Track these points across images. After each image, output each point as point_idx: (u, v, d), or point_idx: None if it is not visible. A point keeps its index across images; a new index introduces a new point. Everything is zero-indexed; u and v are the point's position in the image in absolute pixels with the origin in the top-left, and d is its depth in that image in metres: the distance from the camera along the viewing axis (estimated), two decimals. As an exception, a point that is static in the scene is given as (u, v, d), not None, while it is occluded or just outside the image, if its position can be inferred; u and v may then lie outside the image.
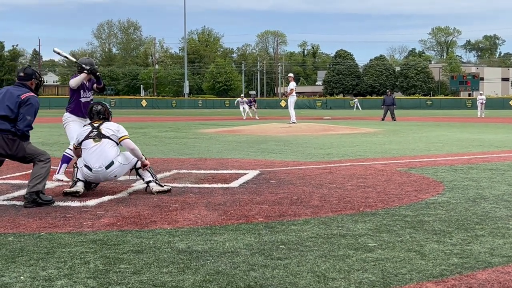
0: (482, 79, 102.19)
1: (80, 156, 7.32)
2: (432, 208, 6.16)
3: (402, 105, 72.19)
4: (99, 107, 7.80)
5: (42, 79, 7.10)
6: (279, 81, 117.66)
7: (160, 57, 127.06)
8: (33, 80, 6.85)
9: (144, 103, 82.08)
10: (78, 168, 7.22)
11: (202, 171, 9.39)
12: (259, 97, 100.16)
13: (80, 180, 7.13)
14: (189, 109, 73.98)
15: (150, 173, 7.40)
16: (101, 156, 7.12)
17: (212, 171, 9.38)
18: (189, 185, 7.83)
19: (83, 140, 7.32)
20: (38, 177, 6.43)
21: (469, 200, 6.64)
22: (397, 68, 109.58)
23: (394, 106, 34.30)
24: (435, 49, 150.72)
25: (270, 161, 11.03)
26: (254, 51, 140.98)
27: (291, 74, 26.09)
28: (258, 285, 3.65)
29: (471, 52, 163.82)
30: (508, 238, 4.84)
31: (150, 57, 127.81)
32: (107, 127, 7.52)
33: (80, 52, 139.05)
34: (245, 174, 8.95)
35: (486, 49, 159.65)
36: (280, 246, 4.60)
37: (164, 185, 7.38)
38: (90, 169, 7.05)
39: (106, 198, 6.81)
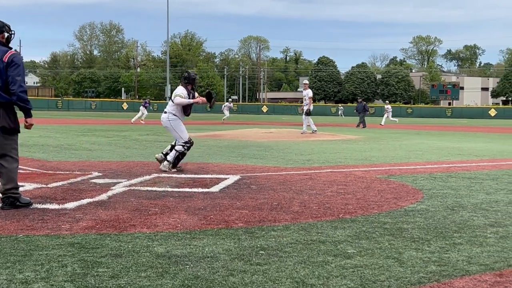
0: (462, 88, 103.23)
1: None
2: (411, 216, 6.20)
3: (383, 113, 72.61)
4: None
5: (13, 32, 6.54)
6: (261, 87, 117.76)
7: (142, 60, 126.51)
8: (4, 33, 6.39)
9: (125, 106, 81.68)
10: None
11: (183, 175, 9.36)
12: (240, 102, 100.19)
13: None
14: (171, 113, 73.57)
15: (175, 157, 10.11)
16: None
17: (193, 176, 9.36)
18: (169, 189, 7.80)
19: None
20: (13, 175, 6.30)
21: (447, 208, 6.69)
22: (379, 76, 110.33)
23: (367, 112, 34.69)
24: (416, 58, 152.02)
25: (251, 166, 11.03)
26: (237, 56, 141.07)
27: (306, 81, 24.81)
28: (237, 291, 3.64)
29: (451, 62, 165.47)
30: (486, 247, 4.88)
31: (132, 60, 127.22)
32: None
33: (62, 54, 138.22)
34: (225, 179, 8.93)
35: (467, 58, 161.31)
36: (260, 252, 4.59)
37: (175, 170, 9.92)
38: None
39: (85, 201, 6.76)
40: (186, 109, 10.59)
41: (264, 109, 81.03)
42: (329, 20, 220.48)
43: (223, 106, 45.47)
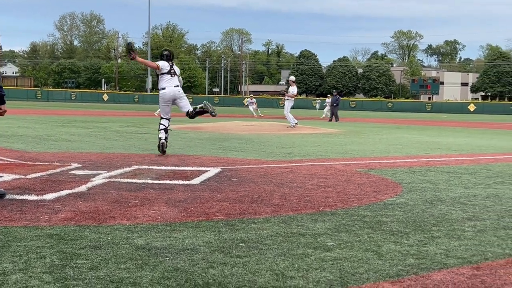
0: (442, 83, 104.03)
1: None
2: (390, 209, 6.25)
3: (364, 107, 72.99)
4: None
5: None
6: (243, 79, 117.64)
7: (123, 51, 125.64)
8: None
9: (105, 97, 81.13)
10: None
11: (163, 168, 9.33)
12: (222, 95, 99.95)
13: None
14: (152, 105, 73.33)
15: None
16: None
17: (173, 168, 9.33)
18: (150, 181, 7.77)
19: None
20: None
21: (426, 202, 6.75)
22: (360, 70, 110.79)
23: (337, 106, 34.91)
24: (397, 53, 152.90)
25: (232, 159, 11.02)
26: (219, 48, 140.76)
27: (292, 78, 25.41)
28: (217, 283, 3.65)
29: (432, 57, 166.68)
30: (463, 240, 4.93)
31: (113, 51, 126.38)
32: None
33: (41, 44, 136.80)
34: (206, 171, 8.92)
35: (447, 53, 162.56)
36: (240, 244, 4.60)
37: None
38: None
39: (64, 192, 6.71)
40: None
41: (246, 101, 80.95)
42: (311, 13, 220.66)
43: (246, 103, 45.76)
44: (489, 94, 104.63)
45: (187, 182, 7.81)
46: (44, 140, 14.44)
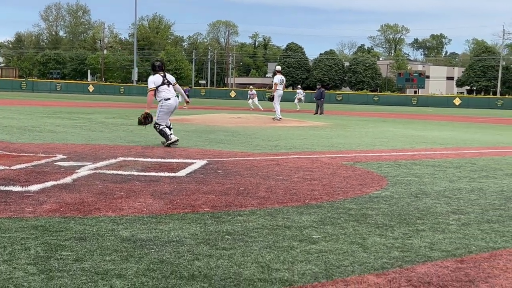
0: (428, 77, 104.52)
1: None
2: (376, 202, 6.28)
3: (350, 100, 73.18)
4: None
5: None
6: (230, 72, 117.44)
7: (109, 42, 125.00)
8: None
9: (91, 88, 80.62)
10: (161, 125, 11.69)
11: (149, 160, 9.30)
12: (208, 87, 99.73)
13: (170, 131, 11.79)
14: (138, 96, 73.03)
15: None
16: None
17: (159, 160, 9.31)
18: (135, 173, 7.75)
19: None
20: None
21: (411, 195, 6.79)
22: (346, 63, 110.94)
23: (321, 100, 35.03)
24: (384, 46, 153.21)
25: (218, 151, 11.01)
26: (205, 40, 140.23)
27: (278, 67, 24.61)
28: (202, 275, 3.65)
29: (418, 50, 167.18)
30: (448, 233, 4.97)
31: (99, 42, 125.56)
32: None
33: (27, 34, 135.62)
34: (192, 163, 8.91)
35: (433, 47, 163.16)
36: (226, 236, 4.60)
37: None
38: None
39: (49, 184, 6.67)
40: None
41: (232, 94, 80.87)
42: (298, 6, 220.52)
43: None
44: (475, 88, 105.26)
45: (173, 174, 7.80)
46: (29, 131, 14.34)
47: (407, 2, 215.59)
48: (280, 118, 22.35)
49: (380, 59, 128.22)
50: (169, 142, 11.58)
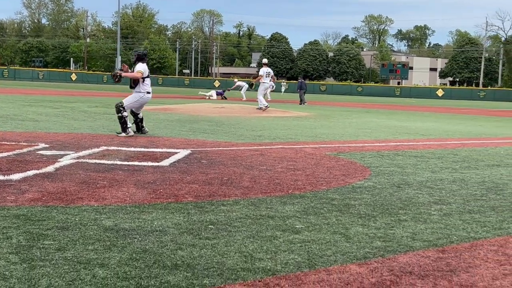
0: (411, 68, 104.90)
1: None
2: (359, 192, 6.31)
3: (334, 90, 73.33)
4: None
5: None
6: (214, 61, 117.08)
7: (92, 31, 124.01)
8: None
9: (73, 76, 79.98)
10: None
11: (132, 149, 9.26)
12: (192, 77, 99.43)
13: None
14: (121, 85, 72.61)
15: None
16: None
17: (143, 149, 9.27)
18: (118, 163, 7.71)
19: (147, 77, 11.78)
20: None
21: (394, 186, 6.83)
22: (330, 54, 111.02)
23: (303, 90, 35.61)
24: (368, 37, 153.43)
25: (202, 141, 11.00)
26: (190, 29, 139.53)
27: (265, 60, 24.89)
28: (185, 264, 3.65)
29: (402, 42, 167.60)
30: (430, 224, 5.01)
31: (82, 30, 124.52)
32: None
33: (8, 21, 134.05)
34: (176, 153, 8.89)
35: (416, 39, 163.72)
36: (209, 226, 4.61)
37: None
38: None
39: (31, 172, 6.62)
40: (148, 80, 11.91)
41: (216, 83, 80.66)
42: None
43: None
44: (457, 79, 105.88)
45: (156, 163, 7.78)
46: (10, 119, 14.20)
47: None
48: (266, 106, 22.27)
49: (364, 50, 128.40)
50: (124, 135, 11.30)
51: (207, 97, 38.25)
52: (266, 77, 23.09)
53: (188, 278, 3.41)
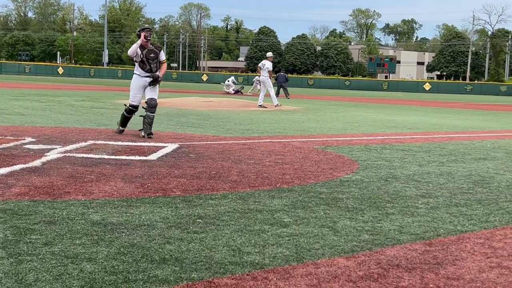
0: (399, 62, 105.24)
1: None
2: (346, 186, 6.33)
3: (322, 84, 73.39)
4: None
5: None
6: (202, 55, 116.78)
7: (79, 24, 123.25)
8: None
9: (60, 70, 79.44)
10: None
11: (120, 143, 9.23)
12: (180, 71, 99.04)
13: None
14: (108, 79, 72.25)
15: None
16: None
17: (130, 143, 9.24)
18: (106, 157, 7.68)
19: None
20: None
21: (381, 179, 6.85)
22: (318, 48, 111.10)
23: (285, 83, 35.92)
24: (355, 31, 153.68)
25: (190, 135, 10.98)
26: (177, 23, 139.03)
27: (268, 54, 23.25)
28: (173, 258, 3.65)
29: (389, 35, 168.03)
30: (417, 217, 5.04)
31: (68, 24, 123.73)
32: None
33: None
34: (164, 147, 8.87)
35: (404, 33, 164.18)
36: (197, 220, 4.60)
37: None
38: None
39: (17, 167, 6.59)
40: (143, 64, 10.52)
41: (204, 77, 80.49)
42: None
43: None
44: (444, 73, 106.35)
45: (144, 157, 7.76)
46: (-4, 113, 14.09)
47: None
48: (260, 106, 21.70)
49: (352, 43, 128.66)
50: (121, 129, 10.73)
51: (227, 90, 37.78)
52: (264, 70, 22.35)
53: (176, 272, 3.41)
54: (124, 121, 10.76)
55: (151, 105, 10.40)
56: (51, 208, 4.81)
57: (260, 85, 35.79)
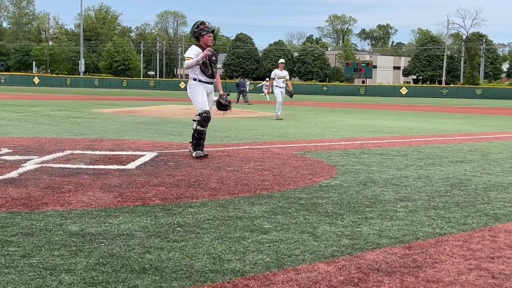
0: (375, 67, 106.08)
1: None
2: (326, 191, 6.35)
3: (299, 90, 73.61)
4: None
5: None
6: (179, 63, 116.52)
7: (55, 33, 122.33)
8: None
9: (36, 80, 78.81)
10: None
11: (97, 152, 9.16)
12: (158, 78, 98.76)
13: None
14: (85, 88, 71.82)
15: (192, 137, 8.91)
16: None
17: (108, 152, 9.18)
18: (83, 166, 7.62)
19: None
20: None
21: (360, 184, 6.88)
22: (295, 54, 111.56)
23: (245, 89, 36.73)
24: (332, 37, 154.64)
25: (168, 143, 10.93)
26: (154, 31, 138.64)
27: (282, 60, 20.97)
28: (153, 268, 3.62)
29: (365, 41, 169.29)
30: (396, 220, 5.06)
31: (44, 33, 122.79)
32: None
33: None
34: (142, 155, 8.82)
35: (380, 38, 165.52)
36: (177, 229, 4.58)
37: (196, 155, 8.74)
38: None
39: (-6, 178, 6.50)
40: (205, 69, 8.88)
41: (182, 85, 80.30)
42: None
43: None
44: (421, 77, 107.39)
45: (122, 166, 7.71)
46: (-29, 125, 13.92)
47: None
48: (277, 117, 19.50)
49: (329, 49, 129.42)
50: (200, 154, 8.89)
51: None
52: (278, 79, 19.85)
53: (156, 282, 3.39)
54: (201, 136, 8.94)
55: (206, 118, 9.00)
56: (29, 219, 4.75)
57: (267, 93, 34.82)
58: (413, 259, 3.95)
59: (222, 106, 9.18)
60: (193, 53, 8.76)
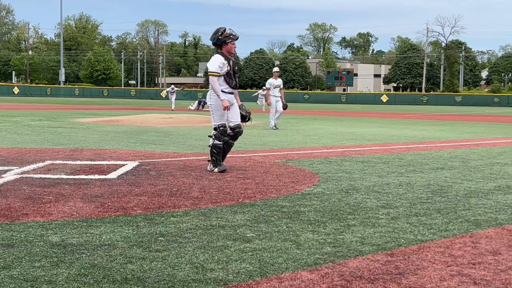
0: (356, 75, 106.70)
1: None
2: (308, 199, 6.35)
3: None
4: None
5: None
6: (160, 71, 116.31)
7: (34, 43, 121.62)
8: None
9: (16, 90, 78.14)
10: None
11: (78, 162, 9.10)
12: (139, 87, 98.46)
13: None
14: (65, 98, 71.38)
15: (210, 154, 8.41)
16: None
17: (89, 162, 9.12)
18: (64, 177, 7.56)
19: None
20: None
21: (342, 191, 6.91)
22: (277, 62, 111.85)
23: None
24: (313, 45, 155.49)
25: (150, 152, 10.89)
26: (135, 40, 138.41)
27: (276, 69, 20.62)
28: (136, 278, 3.60)
29: (346, 49, 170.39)
30: (378, 228, 5.08)
31: (23, 43, 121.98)
32: None
33: None
34: (123, 165, 8.78)
35: (360, 46, 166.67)
36: (159, 238, 4.56)
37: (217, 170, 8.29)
38: None
39: (-27, 190, 6.43)
40: (229, 79, 8.48)
41: (163, 94, 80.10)
42: (227, 5, 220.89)
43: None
44: (401, 85, 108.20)
45: (103, 176, 7.66)
46: (-50, 135, 13.76)
47: (334, 2, 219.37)
48: (272, 127, 19.13)
49: (310, 57, 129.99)
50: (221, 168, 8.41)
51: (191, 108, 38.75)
52: (274, 88, 19.50)
53: (139, 292, 3.36)
54: (219, 151, 8.47)
55: (238, 133, 8.63)
56: (9, 230, 4.70)
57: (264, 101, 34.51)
58: (395, 266, 3.96)
59: (242, 117, 8.83)
60: (218, 65, 8.38)
